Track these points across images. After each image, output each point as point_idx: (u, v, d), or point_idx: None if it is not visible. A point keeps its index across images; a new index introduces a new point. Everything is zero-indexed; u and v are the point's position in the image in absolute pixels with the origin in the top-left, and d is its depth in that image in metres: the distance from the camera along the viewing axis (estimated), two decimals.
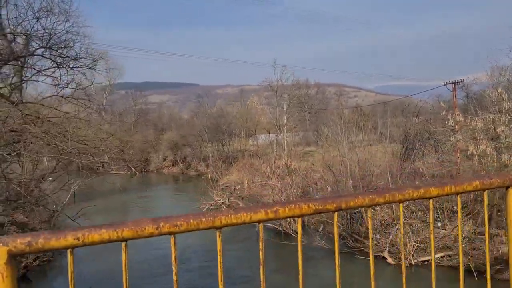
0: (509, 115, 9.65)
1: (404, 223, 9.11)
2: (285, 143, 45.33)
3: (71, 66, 13.09)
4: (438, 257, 16.19)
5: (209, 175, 31.54)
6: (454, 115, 22.49)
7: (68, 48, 12.69)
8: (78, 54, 13.24)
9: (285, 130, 46.50)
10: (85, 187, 32.27)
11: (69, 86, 14.02)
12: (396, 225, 17.37)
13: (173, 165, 59.13)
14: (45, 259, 19.32)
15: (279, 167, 24.35)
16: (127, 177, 57.38)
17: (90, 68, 14.46)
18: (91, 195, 35.12)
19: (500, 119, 9.62)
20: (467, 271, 15.01)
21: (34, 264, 18.60)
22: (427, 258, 16.29)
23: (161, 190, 47.10)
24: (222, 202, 28.13)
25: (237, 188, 31.31)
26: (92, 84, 19.27)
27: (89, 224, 1.30)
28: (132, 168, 60.07)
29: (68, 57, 13.03)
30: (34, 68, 12.71)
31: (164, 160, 61.14)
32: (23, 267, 17.64)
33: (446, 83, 24.45)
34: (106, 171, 59.24)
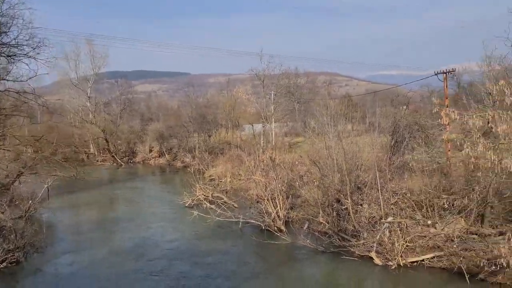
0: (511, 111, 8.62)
1: (392, 222, 8.13)
2: (273, 134, 44.25)
3: (9, 54, 11.72)
4: (428, 258, 15.27)
5: (192, 168, 30.39)
6: (446, 108, 21.49)
7: (4, 34, 11.30)
8: (16, 40, 11.87)
9: (273, 121, 45.37)
10: (69, 180, 31.19)
11: (7, 78, 12.62)
12: (384, 224, 16.40)
13: (159, 156, 57.95)
14: (13, 259, 18.08)
15: (263, 161, 23.32)
16: (113, 168, 56.09)
17: (30, 57, 12.98)
18: (75, 187, 34.00)
19: (501, 116, 8.58)
20: (458, 273, 14.12)
21: (1, 266, 17.40)
22: (416, 259, 15.36)
23: (147, 182, 45.98)
24: (206, 197, 27.03)
25: (221, 181, 30.23)
26: (36, 75, 17.36)
27: None
28: (118, 160, 58.77)
29: (4, 44, 11.65)
30: None
31: (151, 151, 59.91)
32: None
33: (437, 73, 23.39)
34: (91, 163, 57.97)
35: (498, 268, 13.11)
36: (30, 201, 24.35)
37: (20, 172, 27.19)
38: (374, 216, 18.22)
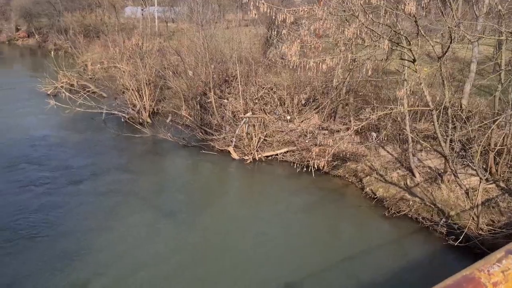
0: None
1: (251, 117, 7.55)
2: (156, 19, 40.94)
3: None
4: (281, 153, 15.67)
5: (62, 52, 27.16)
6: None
7: None
8: None
9: (156, 3, 41.72)
10: None
11: None
12: (243, 119, 16.26)
13: (28, 37, 51.35)
14: None
15: (129, 49, 21.34)
16: None
17: None
18: None
19: (327, 18, 7.97)
20: (307, 167, 14.64)
21: None
22: (271, 153, 15.68)
23: (11, 64, 41.08)
24: (71, 85, 24.70)
25: (91, 68, 27.67)
26: None
27: None
28: None
29: None
30: None
31: (17, 30, 52.71)
32: None
33: None
34: None
35: (339, 163, 13.86)
36: None
37: None
38: (239, 111, 18.01)
